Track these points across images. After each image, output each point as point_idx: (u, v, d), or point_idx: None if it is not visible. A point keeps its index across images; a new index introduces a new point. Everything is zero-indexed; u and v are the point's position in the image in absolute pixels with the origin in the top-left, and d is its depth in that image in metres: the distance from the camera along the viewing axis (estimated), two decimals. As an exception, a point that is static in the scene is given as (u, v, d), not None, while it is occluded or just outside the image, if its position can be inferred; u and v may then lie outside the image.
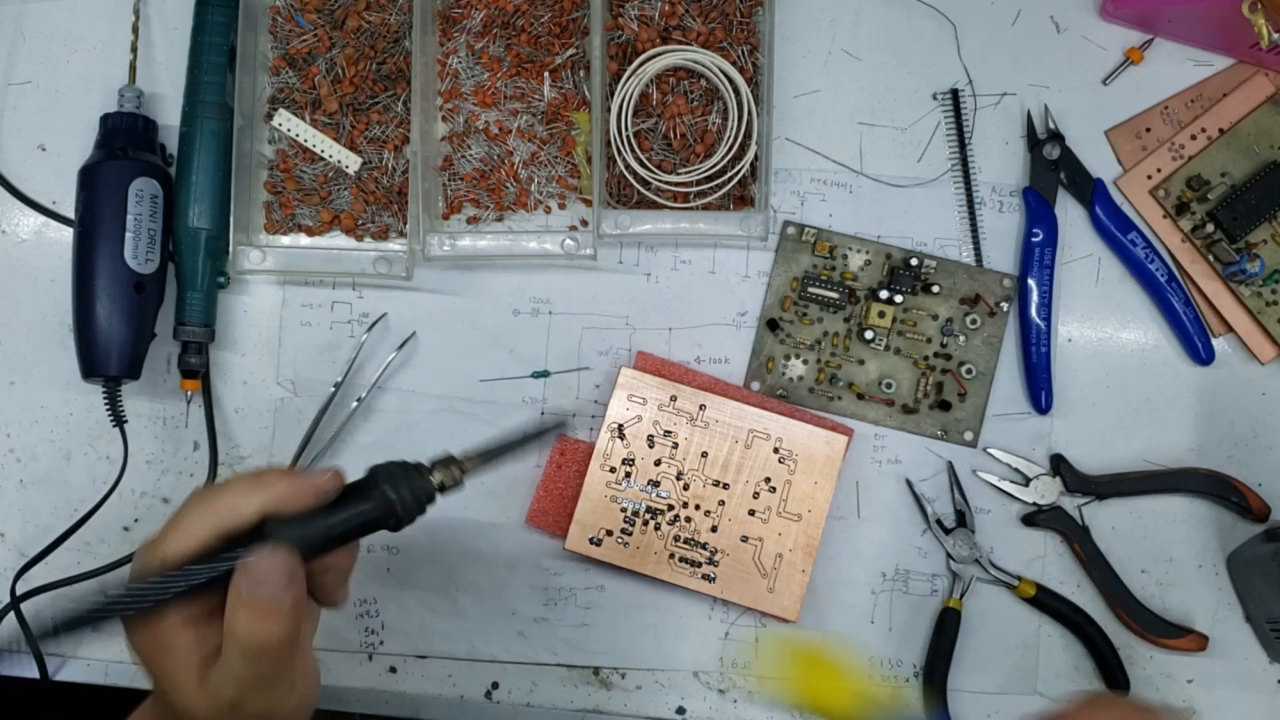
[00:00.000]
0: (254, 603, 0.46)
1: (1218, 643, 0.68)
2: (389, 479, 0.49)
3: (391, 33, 0.70)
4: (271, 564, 0.46)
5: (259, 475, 0.49)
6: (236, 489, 0.48)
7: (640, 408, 0.67)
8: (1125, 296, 0.70)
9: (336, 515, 0.48)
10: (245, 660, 0.47)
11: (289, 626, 0.47)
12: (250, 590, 0.46)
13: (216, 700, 0.48)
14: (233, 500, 0.48)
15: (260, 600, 0.46)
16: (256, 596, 0.46)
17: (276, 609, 0.46)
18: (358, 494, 0.49)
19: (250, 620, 0.46)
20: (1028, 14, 0.71)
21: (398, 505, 0.48)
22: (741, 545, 0.66)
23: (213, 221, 0.67)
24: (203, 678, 0.48)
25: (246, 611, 0.46)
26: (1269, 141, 0.69)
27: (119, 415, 0.66)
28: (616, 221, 0.67)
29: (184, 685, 0.48)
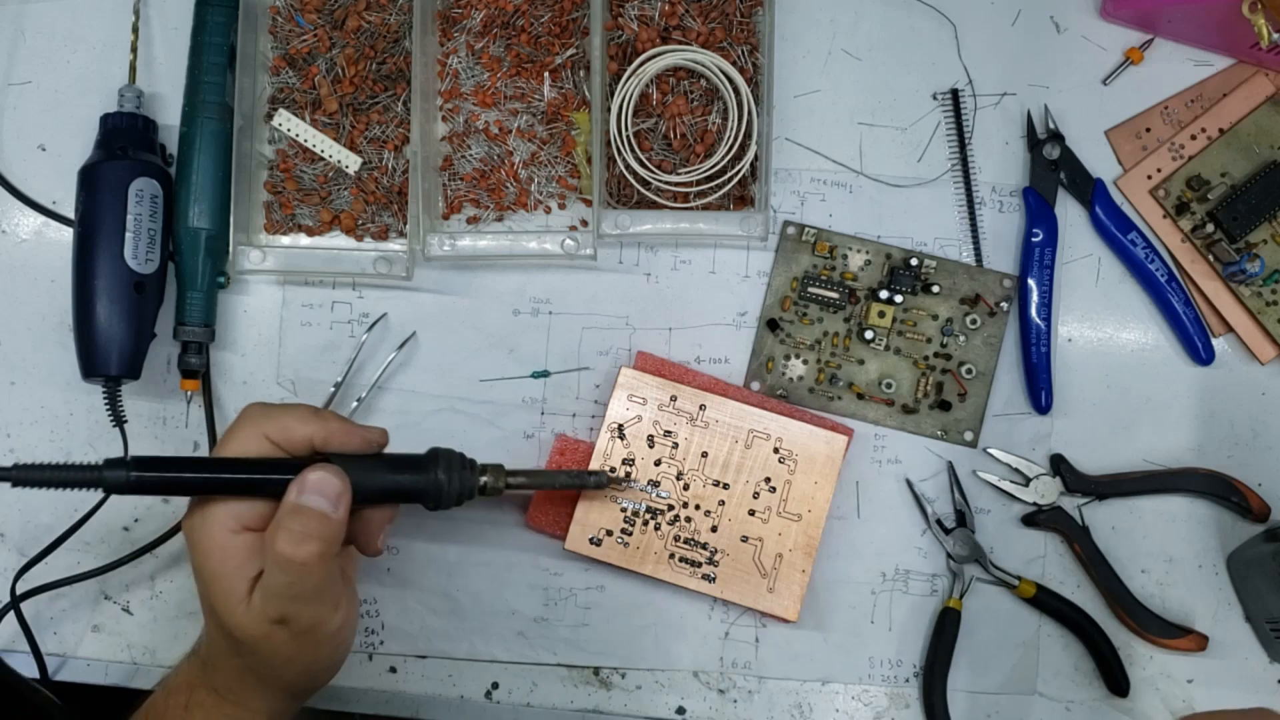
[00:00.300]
0: (301, 508, 0.48)
1: (1218, 643, 0.68)
2: (446, 464, 0.53)
3: (391, 33, 0.70)
4: (325, 478, 0.49)
5: (319, 410, 0.52)
6: (296, 414, 0.52)
7: (640, 408, 0.67)
8: (1125, 296, 0.70)
9: (392, 474, 0.52)
10: (285, 574, 0.49)
11: (328, 545, 0.49)
12: (300, 497, 0.48)
13: (262, 613, 0.50)
14: (290, 422, 0.51)
15: (311, 505, 0.48)
16: (308, 501, 0.48)
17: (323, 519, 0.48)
18: (415, 465, 0.53)
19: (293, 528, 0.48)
20: (1028, 14, 0.71)
21: (445, 487, 0.53)
22: (741, 545, 0.66)
23: (213, 221, 0.67)
24: (250, 590, 0.50)
25: (293, 518, 0.48)
26: (1269, 141, 0.69)
27: (119, 415, 0.66)
28: (616, 221, 0.67)
29: (233, 594, 0.50)
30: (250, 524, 0.50)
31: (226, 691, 0.54)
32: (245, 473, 0.49)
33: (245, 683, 0.53)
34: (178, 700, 0.55)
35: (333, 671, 0.56)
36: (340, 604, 0.52)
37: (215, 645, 0.53)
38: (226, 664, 0.53)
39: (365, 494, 0.51)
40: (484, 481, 0.54)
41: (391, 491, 0.52)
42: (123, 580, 0.69)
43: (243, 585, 0.50)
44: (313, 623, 0.51)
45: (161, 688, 0.57)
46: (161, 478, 0.48)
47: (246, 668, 0.53)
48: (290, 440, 0.51)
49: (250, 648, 0.51)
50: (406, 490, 0.52)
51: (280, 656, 0.52)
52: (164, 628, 0.69)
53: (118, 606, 0.69)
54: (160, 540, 0.67)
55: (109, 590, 0.69)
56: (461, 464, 0.54)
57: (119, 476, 0.47)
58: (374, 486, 0.51)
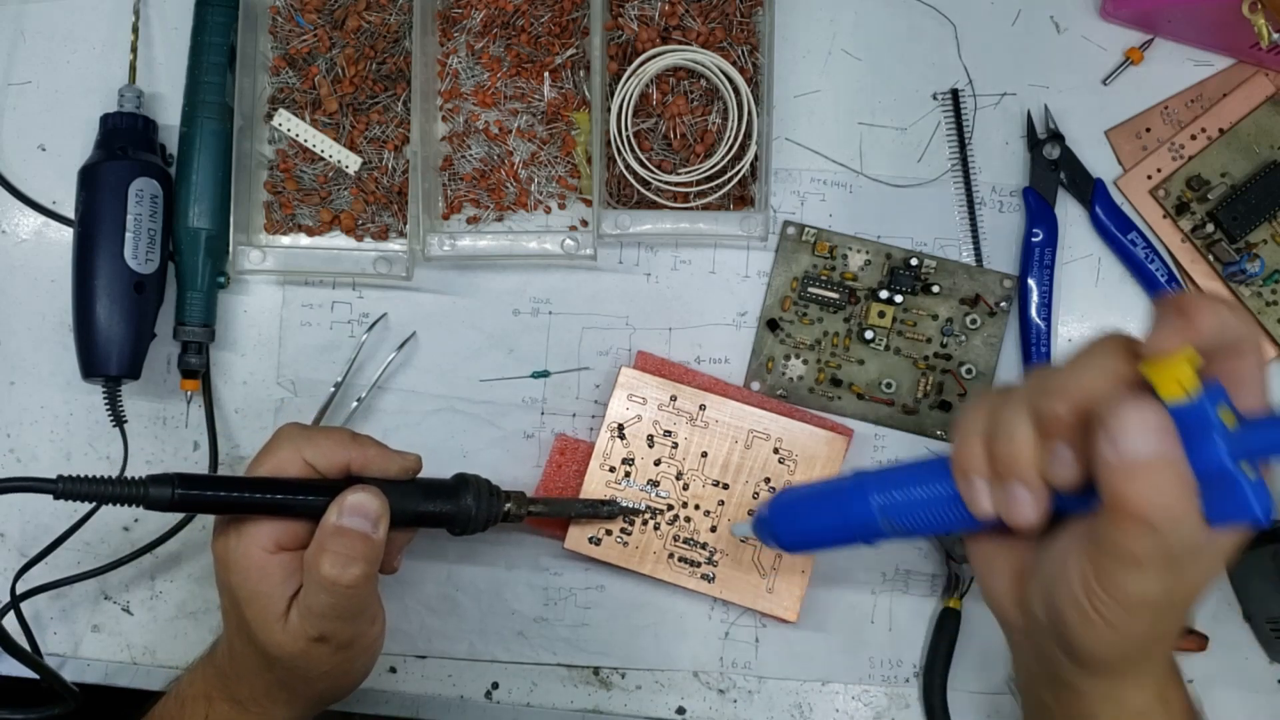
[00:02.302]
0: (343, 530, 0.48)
1: (1218, 643, 0.68)
2: (475, 491, 0.54)
3: (391, 33, 0.70)
4: (365, 499, 0.49)
5: (356, 435, 0.53)
6: (334, 438, 0.52)
7: (640, 407, 0.67)
8: (1125, 296, 0.70)
9: (425, 500, 0.53)
10: (329, 595, 0.49)
11: (370, 567, 0.49)
12: (342, 519, 0.48)
13: (302, 632, 0.50)
14: (328, 446, 0.51)
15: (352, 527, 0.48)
16: (349, 523, 0.48)
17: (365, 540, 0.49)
18: (446, 491, 0.54)
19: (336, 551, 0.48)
20: (1028, 14, 0.71)
21: (473, 514, 0.54)
22: (741, 545, 0.66)
23: (213, 221, 0.67)
24: (287, 609, 0.50)
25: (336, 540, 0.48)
26: (1269, 141, 0.69)
27: (119, 415, 0.66)
28: (616, 221, 0.67)
29: (271, 613, 0.50)
30: (286, 544, 0.50)
31: (250, 703, 0.54)
32: (286, 493, 0.49)
33: (273, 695, 0.54)
34: (195, 710, 0.55)
35: (362, 679, 0.57)
36: (377, 617, 0.53)
37: (242, 660, 0.53)
38: (255, 678, 0.53)
39: (398, 518, 0.52)
40: (508, 508, 0.55)
41: (422, 516, 0.53)
42: (123, 580, 0.69)
43: (281, 604, 0.50)
44: (352, 638, 0.52)
45: (174, 698, 0.57)
46: (205, 497, 0.48)
47: (278, 681, 0.53)
48: (329, 464, 0.51)
49: (286, 663, 0.51)
50: (437, 514, 0.53)
51: (316, 671, 0.52)
52: (164, 628, 0.69)
53: (118, 606, 0.69)
54: (160, 540, 0.67)
55: (109, 590, 0.69)
56: (489, 491, 0.55)
57: (163, 494, 0.47)
58: (407, 510, 0.52)
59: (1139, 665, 0.46)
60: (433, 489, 0.53)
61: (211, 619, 0.69)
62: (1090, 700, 0.47)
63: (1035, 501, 0.43)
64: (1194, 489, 0.40)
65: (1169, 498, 0.39)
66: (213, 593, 0.69)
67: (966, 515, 0.47)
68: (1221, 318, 0.40)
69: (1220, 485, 0.40)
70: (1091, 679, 0.46)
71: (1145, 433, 0.39)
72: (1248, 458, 0.40)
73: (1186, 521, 0.40)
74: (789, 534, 0.55)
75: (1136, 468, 0.39)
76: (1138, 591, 0.41)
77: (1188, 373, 0.40)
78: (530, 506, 0.57)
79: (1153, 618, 0.43)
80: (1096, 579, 0.42)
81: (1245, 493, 0.39)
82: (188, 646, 0.55)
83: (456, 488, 0.54)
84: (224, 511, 0.49)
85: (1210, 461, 0.40)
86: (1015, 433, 0.43)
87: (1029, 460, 0.43)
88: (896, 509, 0.49)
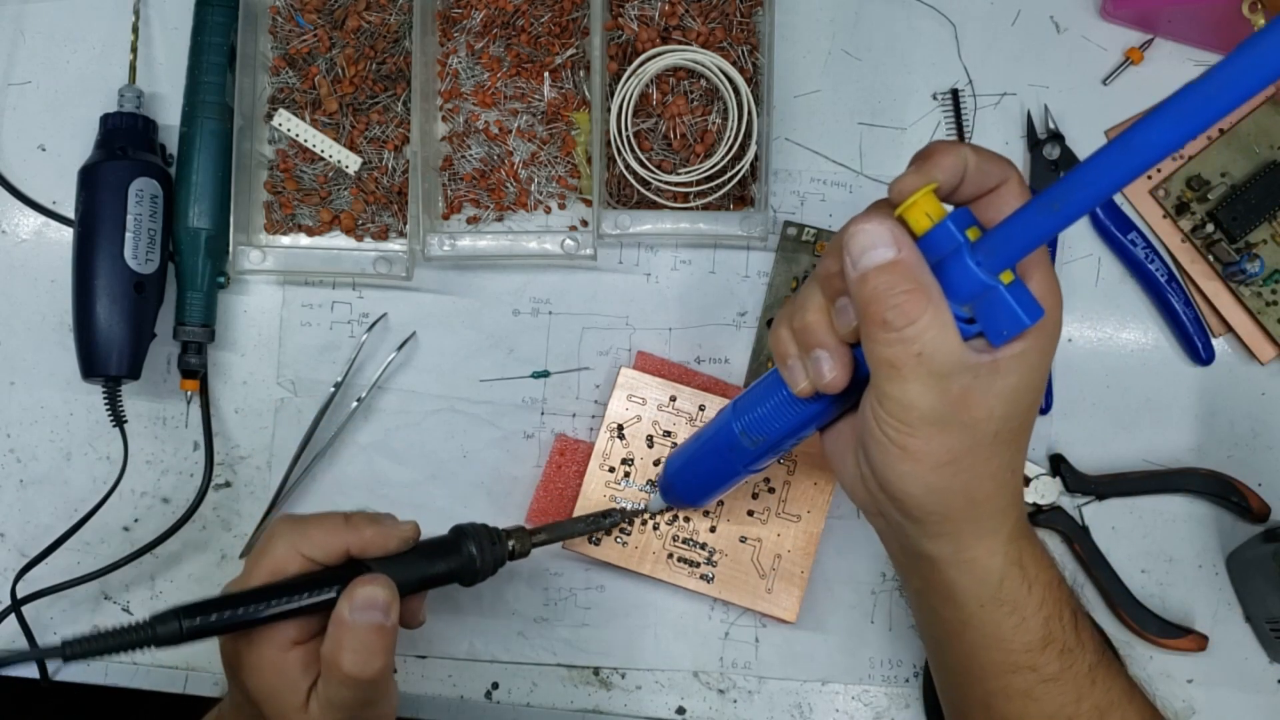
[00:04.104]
0: (359, 626, 0.48)
1: (1218, 643, 0.68)
2: (475, 540, 0.54)
3: (391, 33, 0.70)
4: (374, 591, 0.49)
5: (348, 518, 0.52)
6: (327, 526, 0.51)
7: (640, 408, 0.67)
8: (1125, 296, 0.70)
9: (429, 565, 0.53)
10: (351, 690, 0.49)
11: (389, 655, 0.49)
12: (355, 615, 0.48)
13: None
14: (323, 537, 0.51)
15: (367, 622, 0.48)
16: (362, 619, 0.48)
17: (381, 631, 0.48)
18: (446, 549, 0.54)
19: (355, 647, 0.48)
20: (1028, 14, 0.71)
21: (478, 564, 0.54)
22: (740, 546, 0.66)
23: (213, 221, 0.67)
24: (306, 700, 0.50)
25: (352, 636, 0.48)
26: (1269, 141, 0.69)
27: (119, 415, 0.66)
28: (616, 221, 0.67)
29: (290, 706, 0.50)
30: (299, 638, 0.50)
31: None
32: (293, 596, 0.49)
33: None
34: None
35: None
36: (392, 691, 0.52)
37: None
38: None
39: (407, 588, 0.52)
40: (511, 546, 0.55)
41: (431, 579, 0.53)
42: (123, 580, 0.69)
43: (300, 697, 0.50)
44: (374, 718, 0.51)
45: None
46: (214, 622, 0.48)
47: None
48: (327, 555, 0.50)
49: None
50: (444, 574, 0.53)
51: None
52: (164, 628, 0.69)
53: (118, 606, 0.69)
54: (160, 540, 0.67)
55: (109, 590, 0.69)
56: (489, 536, 0.54)
57: (171, 630, 0.47)
58: (414, 580, 0.52)
59: (974, 522, 0.46)
60: (434, 550, 0.53)
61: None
62: (944, 568, 0.48)
63: (834, 359, 0.46)
64: (929, 293, 0.41)
65: (901, 298, 0.41)
66: (213, 593, 0.69)
67: (802, 407, 0.49)
68: (962, 155, 0.43)
69: (985, 301, 0.42)
70: (933, 541, 0.47)
71: (871, 241, 0.42)
72: (1002, 264, 0.41)
73: (927, 324, 0.41)
74: (687, 490, 0.59)
75: (868, 274, 0.42)
76: (904, 399, 0.43)
77: (932, 204, 0.43)
78: (533, 538, 0.56)
79: (941, 439, 0.43)
80: (876, 400, 0.44)
81: (1005, 300, 0.41)
82: (187, 646, 0.54)
83: (456, 542, 0.54)
84: (236, 630, 0.49)
85: (966, 278, 0.41)
86: (808, 303, 0.47)
87: (822, 324, 0.46)
88: (753, 425, 0.52)
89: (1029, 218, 0.39)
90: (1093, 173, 0.37)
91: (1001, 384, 0.43)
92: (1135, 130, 0.35)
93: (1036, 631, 0.48)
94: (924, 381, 0.42)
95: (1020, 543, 0.48)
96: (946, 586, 0.48)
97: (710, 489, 0.58)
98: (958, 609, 0.49)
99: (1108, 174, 0.36)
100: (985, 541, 0.47)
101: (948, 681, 0.54)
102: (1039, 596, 0.48)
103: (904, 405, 0.43)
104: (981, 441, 0.44)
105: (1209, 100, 0.32)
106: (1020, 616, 0.48)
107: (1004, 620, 0.48)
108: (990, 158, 0.44)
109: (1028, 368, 0.44)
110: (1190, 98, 0.33)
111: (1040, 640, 0.48)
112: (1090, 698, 0.49)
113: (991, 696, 0.50)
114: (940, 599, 0.50)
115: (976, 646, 0.49)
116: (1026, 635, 0.48)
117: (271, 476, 0.69)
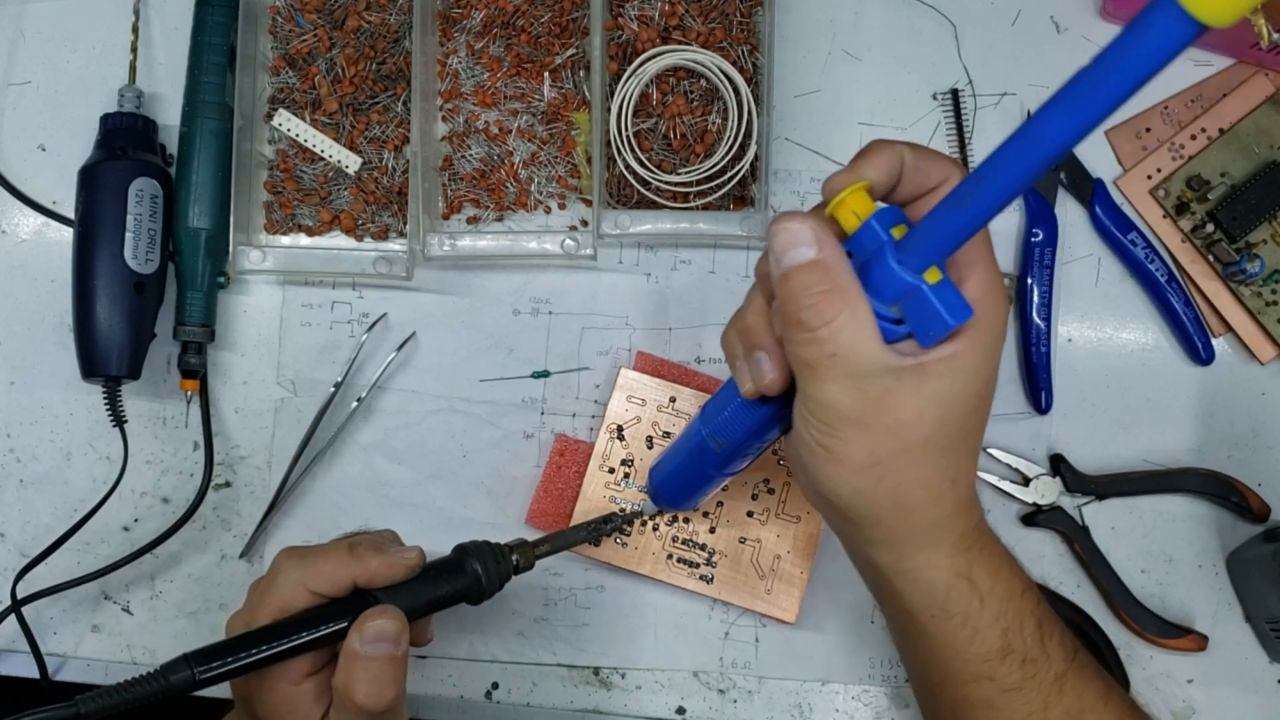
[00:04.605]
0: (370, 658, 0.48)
1: (1218, 643, 0.68)
2: (478, 558, 0.54)
3: (391, 33, 0.70)
4: (383, 624, 0.49)
5: (352, 548, 0.52)
6: (332, 559, 0.51)
7: (639, 409, 0.67)
8: (1125, 296, 0.70)
9: (435, 589, 0.52)
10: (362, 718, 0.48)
11: (401, 684, 0.49)
12: (365, 647, 0.48)
13: None
14: (328, 569, 0.50)
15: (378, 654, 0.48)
16: (373, 651, 0.48)
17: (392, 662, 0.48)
18: (452, 570, 0.53)
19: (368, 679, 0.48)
20: (1028, 14, 0.71)
21: (484, 583, 0.53)
22: (740, 546, 0.66)
23: (213, 221, 0.67)
24: None
25: (364, 669, 0.48)
26: (1269, 141, 0.69)
27: (119, 415, 0.66)
28: (616, 221, 0.67)
29: None
30: (310, 670, 0.50)
31: None
32: (302, 632, 0.49)
33: None
34: None
35: None
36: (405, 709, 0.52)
37: None
38: None
39: (415, 614, 0.52)
40: (515, 561, 0.55)
41: (439, 602, 0.53)
42: (123, 580, 0.69)
43: None
44: None
45: None
46: (225, 668, 0.48)
47: None
48: (334, 588, 0.50)
49: None
50: (451, 595, 0.53)
51: None
52: (164, 628, 0.69)
53: (118, 606, 0.69)
54: (160, 540, 0.67)
55: (109, 590, 0.69)
56: (492, 553, 0.54)
57: (183, 678, 0.47)
58: (422, 605, 0.52)
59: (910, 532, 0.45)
60: (440, 573, 0.53)
61: (211, 619, 0.69)
62: (889, 577, 0.47)
63: (772, 360, 0.46)
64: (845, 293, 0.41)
65: (817, 298, 0.41)
66: (213, 593, 0.69)
67: (756, 409, 0.49)
68: (897, 153, 0.42)
69: (911, 302, 0.41)
70: (873, 548, 0.47)
71: (792, 239, 0.41)
72: (924, 263, 0.40)
73: (842, 325, 0.41)
74: (670, 494, 0.59)
75: (788, 273, 0.41)
76: (823, 399, 0.42)
77: (862, 202, 0.42)
78: (536, 551, 0.56)
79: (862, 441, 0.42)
80: (800, 401, 0.44)
81: (929, 300, 0.40)
82: (187, 646, 0.54)
83: (460, 562, 0.53)
84: (250, 671, 0.49)
85: (889, 278, 0.41)
86: (749, 304, 0.47)
87: (761, 325, 0.46)
88: (718, 429, 0.52)
89: (941, 216, 0.39)
90: (995, 168, 0.36)
91: (931, 387, 0.42)
92: (1032, 122, 0.34)
93: (994, 642, 0.47)
94: (840, 382, 0.41)
95: (969, 555, 0.46)
96: (895, 596, 0.48)
97: (690, 492, 0.58)
98: (910, 618, 0.48)
99: (1009, 168, 0.35)
100: (924, 554, 0.46)
101: (916, 686, 0.54)
102: (995, 609, 0.47)
103: (823, 405, 0.42)
104: (910, 446, 0.43)
105: (1098, 85, 0.31)
106: (973, 629, 0.47)
107: (956, 632, 0.47)
108: (930, 156, 0.44)
109: (961, 371, 0.42)
110: (1079, 84, 0.32)
111: (998, 651, 0.47)
112: (1059, 705, 0.48)
113: (955, 705, 0.49)
114: (894, 608, 0.49)
115: (934, 655, 0.48)
116: (982, 646, 0.47)
117: (271, 476, 0.69)
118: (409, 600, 0.51)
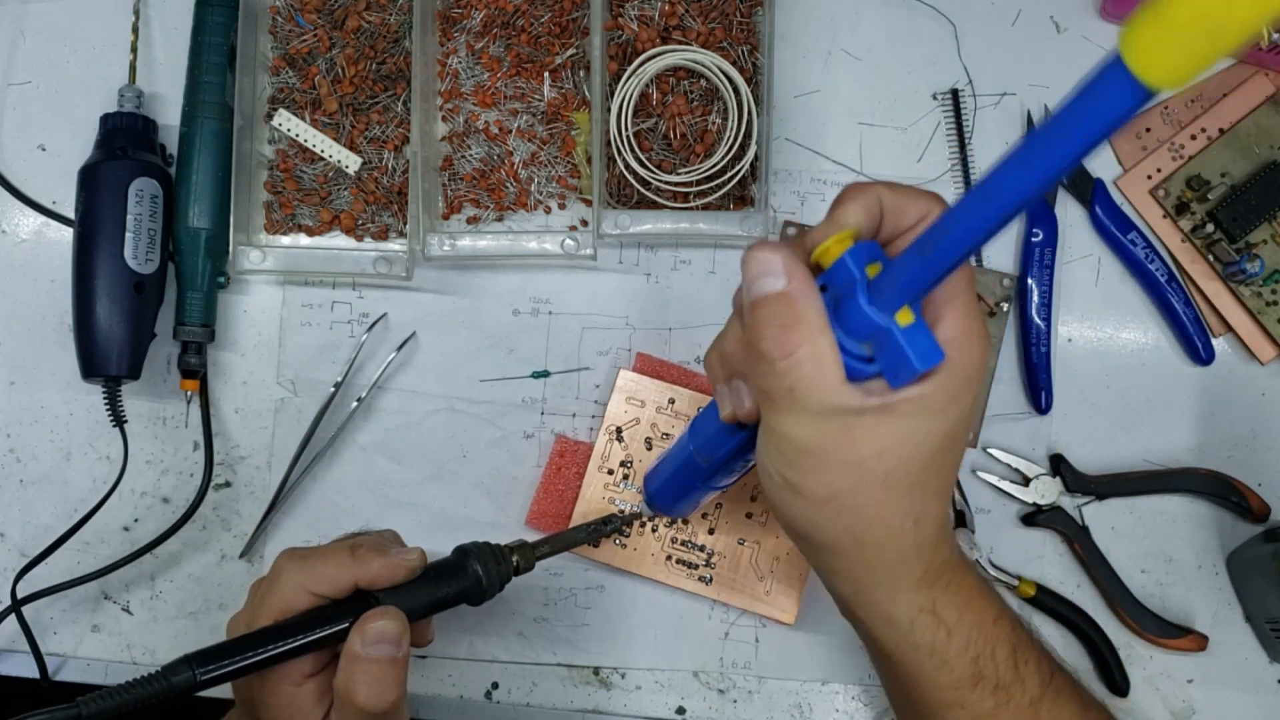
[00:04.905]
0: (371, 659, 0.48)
1: (1218, 643, 0.68)
2: (479, 559, 0.54)
3: (391, 33, 0.70)
4: (385, 625, 0.49)
5: (354, 549, 0.52)
6: (333, 561, 0.51)
7: (639, 410, 0.67)
8: (1125, 296, 0.70)
9: (436, 591, 0.53)
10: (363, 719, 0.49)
11: (402, 686, 0.49)
12: (367, 649, 0.48)
13: None
14: (330, 572, 0.51)
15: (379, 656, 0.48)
16: (375, 653, 0.48)
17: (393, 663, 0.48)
18: (453, 571, 0.54)
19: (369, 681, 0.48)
20: (1028, 14, 0.71)
21: (484, 583, 0.54)
22: (739, 548, 0.66)
23: (213, 221, 0.67)
24: None
25: (365, 670, 0.48)
26: (1269, 141, 0.69)
27: (119, 415, 0.66)
28: (616, 221, 0.67)
29: None
30: (311, 671, 0.50)
31: None
32: (304, 633, 0.49)
33: None
34: None
35: None
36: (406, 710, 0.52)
37: None
38: None
39: (416, 615, 0.52)
40: (515, 562, 0.55)
41: (440, 603, 0.53)
42: (123, 580, 0.69)
43: None
44: None
45: None
46: (227, 670, 0.48)
47: None
48: (335, 589, 0.51)
49: None
50: (452, 596, 0.53)
51: None
52: (164, 628, 0.69)
53: (118, 606, 0.69)
54: (160, 540, 0.67)
55: (109, 590, 0.69)
56: (492, 554, 0.54)
57: (185, 679, 0.47)
58: (423, 606, 0.52)
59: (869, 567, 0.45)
60: (441, 574, 0.53)
61: (211, 619, 0.69)
62: (855, 609, 0.48)
63: (750, 389, 0.46)
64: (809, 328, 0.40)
65: (779, 331, 0.41)
66: (213, 593, 0.69)
67: (737, 431, 0.49)
68: (874, 196, 0.42)
69: (881, 342, 0.40)
70: (834, 578, 0.47)
71: (763, 269, 0.41)
72: (893, 305, 0.40)
73: (801, 359, 0.40)
74: (663, 501, 0.60)
75: (756, 302, 0.41)
76: (780, 430, 0.42)
77: (844, 241, 0.41)
78: (536, 552, 0.57)
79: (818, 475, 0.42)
80: (761, 429, 0.44)
81: (897, 342, 0.40)
82: (187, 646, 0.54)
83: (461, 563, 0.54)
84: (251, 672, 0.49)
85: (858, 317, 0.40)
86: (729, 330, 0.47)
87: (741, 354, 0.46)
88: (703, 446, 0.52)
89: (906, 261, 0.39)
90: (954, 220, 0.36)
91: (895, 426, 0.41)
92: (988, 178, 0.34)
93: (964, 671, 0.47)
94: (797, 416, 0.41)
95: (934, 590, 0.46)
96: (860, 624, 0.48)
97: (680, 501, 0.59)
98: (878, 644, 0.48)
99: (967, 221, 0.36)
100: (884, 589, 0.46)
101: (894, 709, 0.54)
102: (964, 639, 0.46)
103: (781, 436, 0.42)
104: (869, 483, 0.42)
105: (1051, 146, 0.32)
106: (940, 659, 0.47)
107: (924, 661, 0.47)
108: (907, 194, 0.43)
109: (929, 412, 0.41)
110: (1033, 144, 0.32)
111: (969, 679, 0.47)
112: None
113: None
114: (862, 633, 0.49)
115: (905, 681, 0.48)
116: (951, 675, 0.47)
117: (271, 476, 0.69)
118: (410, 601, 0.51)
